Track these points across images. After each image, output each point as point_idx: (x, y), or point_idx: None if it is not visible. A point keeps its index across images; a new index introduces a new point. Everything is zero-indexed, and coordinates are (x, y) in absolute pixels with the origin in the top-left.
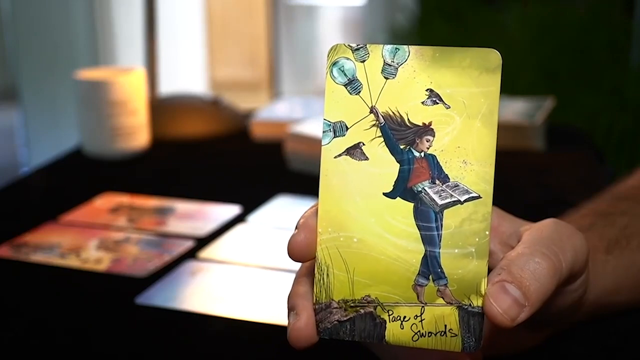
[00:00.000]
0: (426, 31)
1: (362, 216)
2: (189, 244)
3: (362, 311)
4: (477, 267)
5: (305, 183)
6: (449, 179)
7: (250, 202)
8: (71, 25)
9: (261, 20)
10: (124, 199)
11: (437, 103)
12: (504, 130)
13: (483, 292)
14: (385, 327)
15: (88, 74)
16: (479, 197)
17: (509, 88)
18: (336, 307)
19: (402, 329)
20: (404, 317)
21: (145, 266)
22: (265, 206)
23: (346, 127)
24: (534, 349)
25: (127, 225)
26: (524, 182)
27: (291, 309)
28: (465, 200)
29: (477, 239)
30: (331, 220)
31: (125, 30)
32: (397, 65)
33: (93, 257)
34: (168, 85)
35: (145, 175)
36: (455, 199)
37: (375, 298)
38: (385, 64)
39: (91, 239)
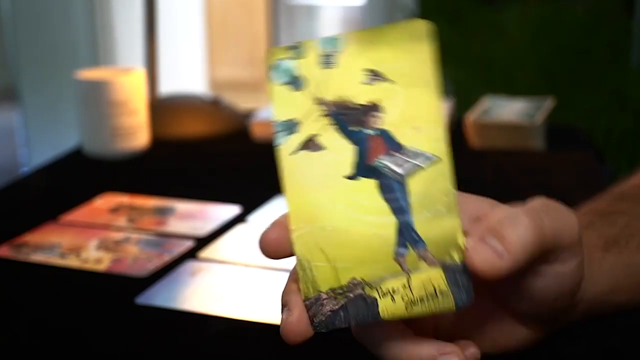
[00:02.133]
0: None
1: (331, 204)
2: (189, 244)
3: (351, 295)
4: (451, 223)
5: None
6: (404, 148)
7: (250, 202)
8: (71, 25)
9: (261, 20)
10: (124, 199)
11: (379, 80)
12: (504, 130)
13: (462, 246)
14: (378, 305)
15: (88, 74)
16: (437, 158)
17: (509, 88)
18: (326, 298)
19: (394, 302)
20: (393, 289)
21: (145, 266)
22: (265, 206)
23: (297, 123)
24: (533, 349)
25: (127, 225)
26: (524, 182)
27: (284, 305)
28: (424, 162)
29: (444, 197)
30: (302, 216)
31: (125, 30)
32: (334, 55)
33: (93, 257)
34: (168, 85)
35: (145, 175)
36: (415, 164)
37: (362, 279)
38: (322, 55)
39: (91, 239)
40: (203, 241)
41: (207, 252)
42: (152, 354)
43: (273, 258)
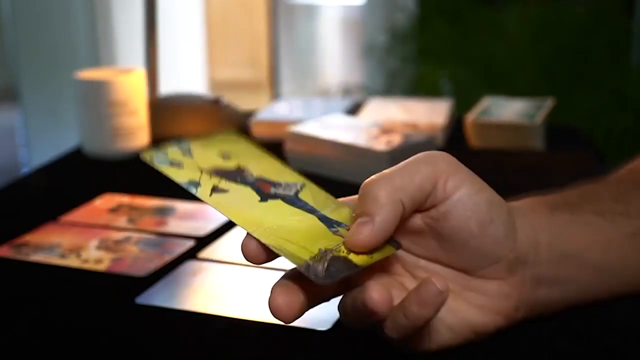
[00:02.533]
0: (426, 31)
1: (263, 215)
2: (189, 244)
3: (328, 257)
4: (346, 210)
5: None
6: (280, 183)
7: None
8: (71, 25)
9: (261, 20)
10: (124, 199)
11: (230, 157)
12: (504, 130)
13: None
14: (350, 259)
15: (88, 74)
16: (303, 183)
17: (509, 88)
18: (313, 263)
19: (358, 255)
20: (349, 251)
21: (145, 266)
22: None
23: (197, 181)
24: (533, 349)
25: (127, 225)
26: (524, 182)
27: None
28: (301, 187)
29: (329, 201)
30: (250, 222)
31: (125, 30)
32: (188, 150)
33: (93, 257)
34: (168, 85)
35: (145, 175)
36: (296, 189)
37: (325, 248)
38: (180, 150)
39: (91, 239)
40: (203, 241)
41: (207, 252)
42: (152, 353)
43: (257, 263)
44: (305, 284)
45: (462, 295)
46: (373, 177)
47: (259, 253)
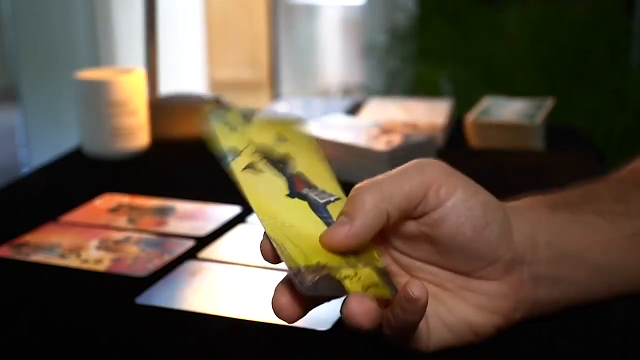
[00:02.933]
0: (426, 31)
1: (282, 209)
2: (189, 244)
3: (322, 273)
4: (370, 245)
5: None
6: (317, 187)
7: None
8: (71, 25)
9: (261, 20)
10: (124, 199)
11: (285, 142)
12: (504, 130)
13: (379, 255)
14: (343, 284)
15: (88, 74)
16: (339, 197)
17: (509, 88)
18: (305, 271)
19: (353, 284)
20: (348, 276)
21: (145, 266)
22: None
23: (238, 151)
24: (533, 349)
25: (127, 225)
26: (524, 182)
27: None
28: (335, 200)
29: None
30: (265, 211)
31: (125, 30)
32: (250, 118)
33: (93, 257)
34: (168, 85)
35: (145, 175)
36: (328, 199)
37: (325, 264)
38: (241, 114)
39: (91, 239)
40: (203, 241)
41: (207, 252)
42: (152, 353)
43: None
44: None
45: (460, 295)
46: (365, 181)
47: (275, 255)
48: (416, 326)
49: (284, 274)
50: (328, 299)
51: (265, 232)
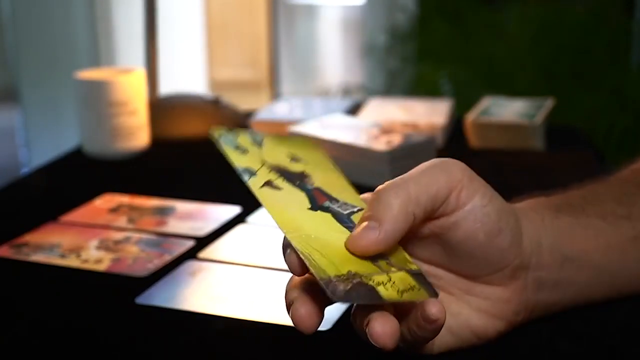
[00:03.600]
0: (426, 31)
1: (305, 222)
2: (189, 244)
3: (354, 281)
4: (403, 252)
5: None
6: (338, 200)
7: (250, 202)
8: (71, 25)
9: (261, 20)
10: (124, 199)
11: (299, 161)
12: (504, 130)
13: (410, 259)
14: (377, 290)
15: (88, 74)
16: (361, 207)
17: (509, 88)
18: (336, 281)
19: (387, 290)
20: (381, 282)
21: (145, 266)
22: None
23: (254, 170)
24: (533, 349)
25: (127, 225)
26: (524, 182)
27: (290, 302)
28: (358, 210)
29: None
30: (289, 224)
31: (125, 30)
32: (260, 141)
33: (93, 257)
34: (168, 85)
35: (145, 175)
36: (352, 209)
37: (357, 271)
38: (252, 138)
39: (91, 239)
40: (203, 241)
41: (207, 252)
42: (152, 353)
43: (299, 275)
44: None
45: (464, 300)
46: (389, 182)
47: (302, 266)
48: (429, 342)
49: (284, 274)
50: (364, 308)
51: (290, 245)
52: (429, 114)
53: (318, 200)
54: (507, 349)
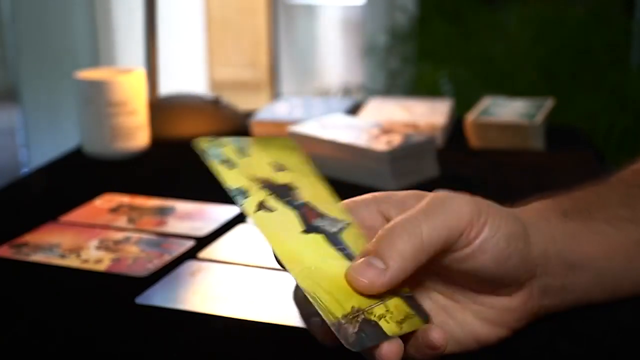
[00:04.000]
0: (426, 31)
1: (303, 250)
2: (189, 244)
3: (360, 319)
4: None
5: None
6: (326, 215)
7: None
8: (71, 25)
9: (261, 21)
10: (124, 199)
11: (284, 170)
12: (504, 130)
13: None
14: (381, 326)
15: (88, 74)
16: (349, 222)
17: (509, 88)
18: (345, 323)
19: (388, 323)
20: (382, 315)
21: (145, 266)
22: None
23: (246, 191)
24: (533, 349)
25: (127, 225)
26: (524, 182)
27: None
28: (346, 225)
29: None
30: (290, 258)
31: (125, 30)
32: (244, 148)
33: (93, 257)
34: (168, 85)
35: (145, 175)
36: (340, 226)
37: (359, 307)
38: (237, 147)
39: (91, 239)
40: (203, 241)
41: (207, 252)
42: (152, 354)
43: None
44: None
45: (469, 309)
46: (400, 222)
47: (308, 304)
48: None
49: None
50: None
51: (296, 283)
52: (429, 114)
53: (308, 219)
54: (508, 350)
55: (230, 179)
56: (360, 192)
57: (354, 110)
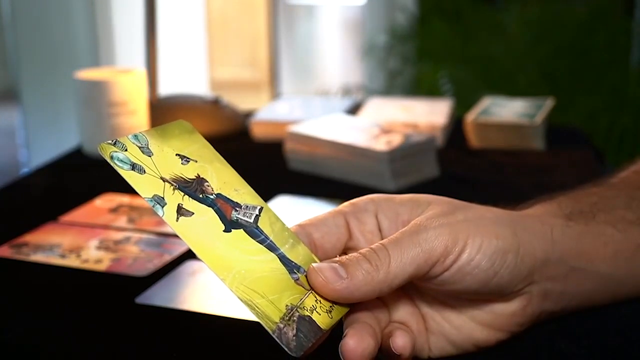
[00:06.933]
0: (426, 31)
1: (230, 253)
2: None
3: (295, 317)
4: (304, 249)
5: (305, 183)
6: (240, 204)
7: None
8: (71, 25)
9: (261, 20)
10: (124, 199)
11: (189, 161)
12: (504, 130)
13: (315, 255)
14: (315, 320)
15: (88, 74)
16: (262, 207)
17: (509, 88)
18: (284, 327)
19: (320, 315)
20: (313, 306)
21: (145, 266)
22: None
23: (162, 197)
24: (533, 349)
25: (127, 225)
26: (524, 182)
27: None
28: (260, 211)
29: (285, 233)
30: (220, 265)
31: (125, 30)
32: (146, 146)
33: (93, 257)
34: (168, 85)
35: None
36: (255, 214)
37: (291, 304)
38: (139, 147)
39: (91, 239)
40: None
41: None
42: (152, 353)
43: None
44: None
45: (467, 313)
46: (368, 251)
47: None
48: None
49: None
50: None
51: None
52: (429, 114)
53: (226, 214)
54: (507, 350)
55: (144, 188)
56: (360, 192)
57: (353, 110)
